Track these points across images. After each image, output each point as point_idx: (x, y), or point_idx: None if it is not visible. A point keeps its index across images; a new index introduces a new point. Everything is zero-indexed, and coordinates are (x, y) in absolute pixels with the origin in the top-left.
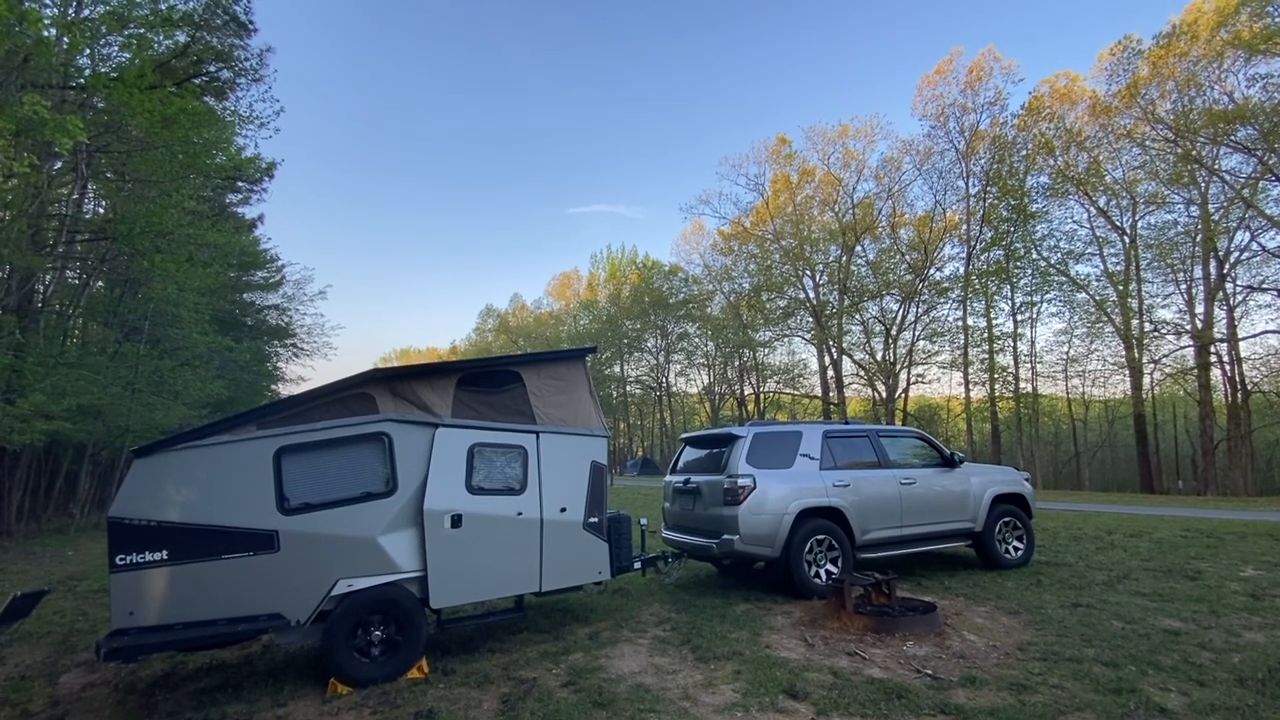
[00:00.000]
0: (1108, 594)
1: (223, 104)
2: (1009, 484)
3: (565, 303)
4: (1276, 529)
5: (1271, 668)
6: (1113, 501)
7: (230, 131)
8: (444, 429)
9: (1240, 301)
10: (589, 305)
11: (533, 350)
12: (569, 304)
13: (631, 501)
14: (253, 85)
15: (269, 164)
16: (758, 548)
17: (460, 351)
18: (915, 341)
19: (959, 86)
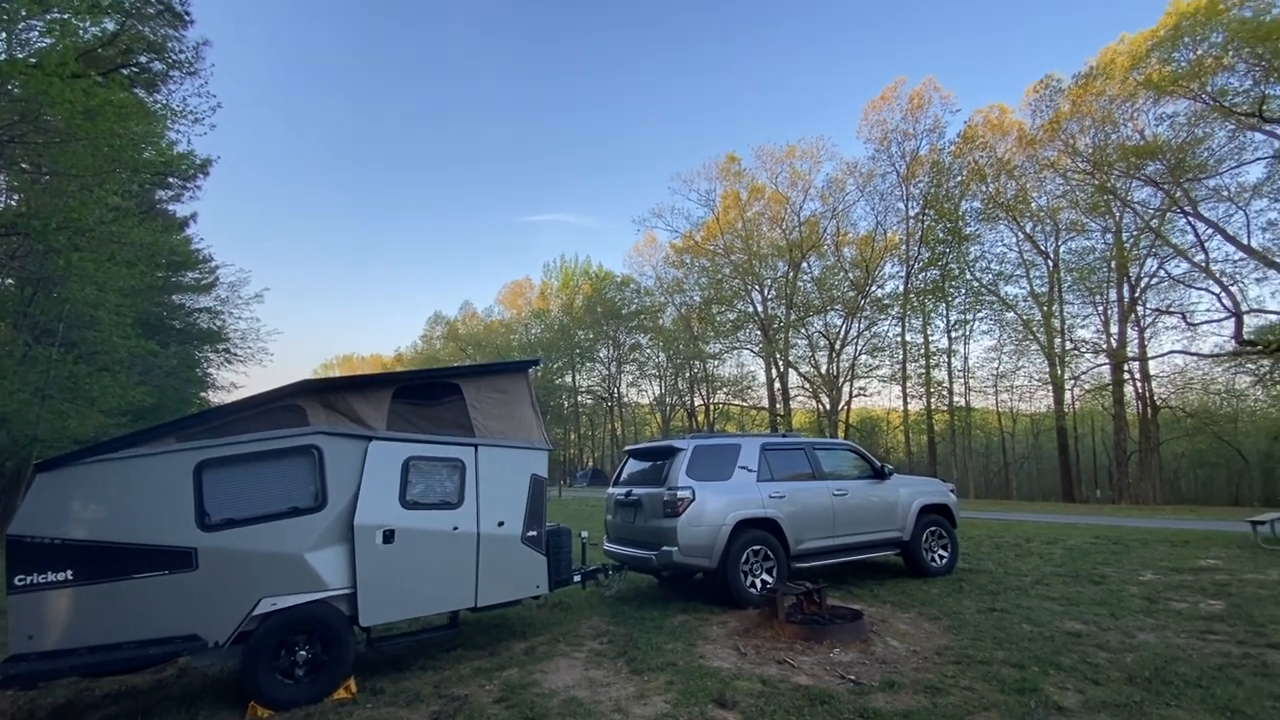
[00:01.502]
0: (1021, 599)
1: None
2: (935, 495)
3: (517, 311)
4: (1175, 535)
5: (1158, 666)
6: (1036, 510)
7: (161, 126)
8: (377, 442)
9: (1150, 323)
10: (541, 314)
11: (482, 359)
12: (520, 313)
13: (579, 514)
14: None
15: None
16: (696, 559)
17: (406, 359)
18: (857, 356)
19: (901, 113)
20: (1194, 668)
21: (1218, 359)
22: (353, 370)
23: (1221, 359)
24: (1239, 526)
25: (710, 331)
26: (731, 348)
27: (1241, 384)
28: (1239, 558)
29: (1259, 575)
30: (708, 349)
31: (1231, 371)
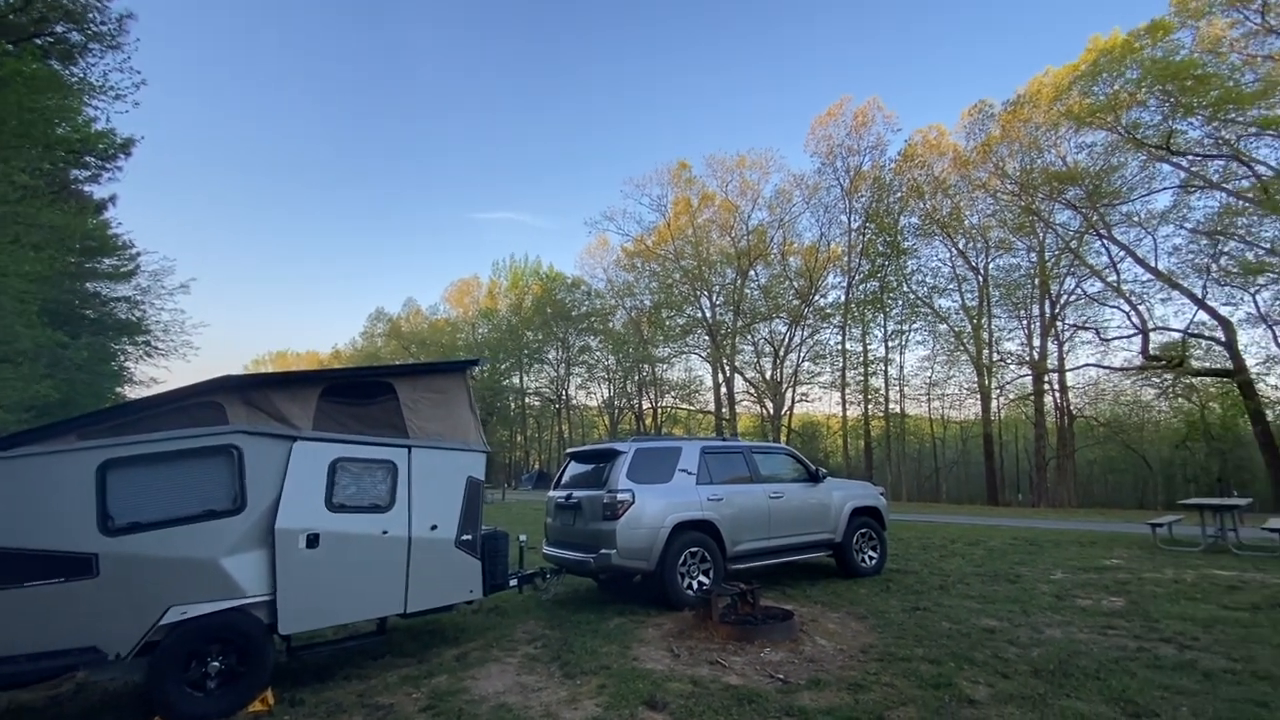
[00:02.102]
0: (943, 598)
1: (70, 70)
2: (866, 498)
3: (463, 310)
4: (1085, 537)
5: (1062, 660)
6: (962, 513)
7: (78, 101)
8: (303, 442)
9: (1068, 338)
10: (489, 314)
11: (426, 358)
12: (467, 312)
13: (521, 517)
14: (109, 52)
15: (125, 140)
16: (634, 561)
17: (345, 357)
18: (800, 363)
19: (846, 129)
20: (1094, 661)
21: (1127, 372)
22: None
23: (1130, 372)
24: (1141, 528)
25: (660, 335)
26: (680, 352)
27: (1147, 396)
28: (1139, 557)
29: (1156, 574)
30: (657, 353)
31: (1138, 384)
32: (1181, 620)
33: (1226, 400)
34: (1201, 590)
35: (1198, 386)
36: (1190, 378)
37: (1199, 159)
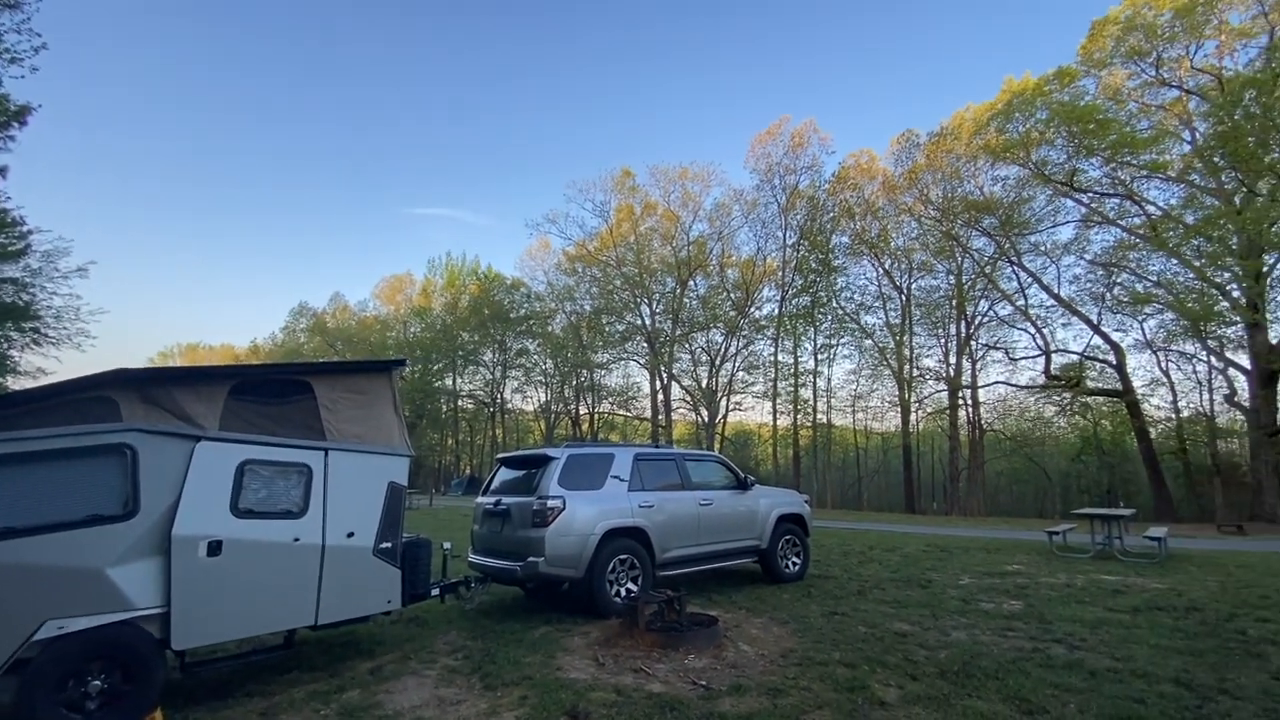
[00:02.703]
0: (859, 602)
1: None
2: (792, 505)
3: (395, 307)
4: (991, 544)
5: (965, 661)
6: (882, 520)
7: None
8: (207, 443)
9: (981, 356)
10: (422, 312)
11: (353, 356)
12: (399, 309)
13: (449, 523)
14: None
15: (20, 108)
16: (563, 569)
17: (263, 352)
18: (735, 372)
19: (784, 149)
20: (994, 661)
21: (1031, 390)
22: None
23: (1034, 390)
24: (1040, 536)
25: (599, 341)
26: (619, 358)
27: (1048, 413)
28: (1038, 563)
29: (1051, 579)
30: (596, 358)
31: (1041, 402)
32: (1072, 622)
33: (1116, 418)
34: (1090, 594)
35: (1092, 405)
36: (1085, 397)
37: (1098, 196)
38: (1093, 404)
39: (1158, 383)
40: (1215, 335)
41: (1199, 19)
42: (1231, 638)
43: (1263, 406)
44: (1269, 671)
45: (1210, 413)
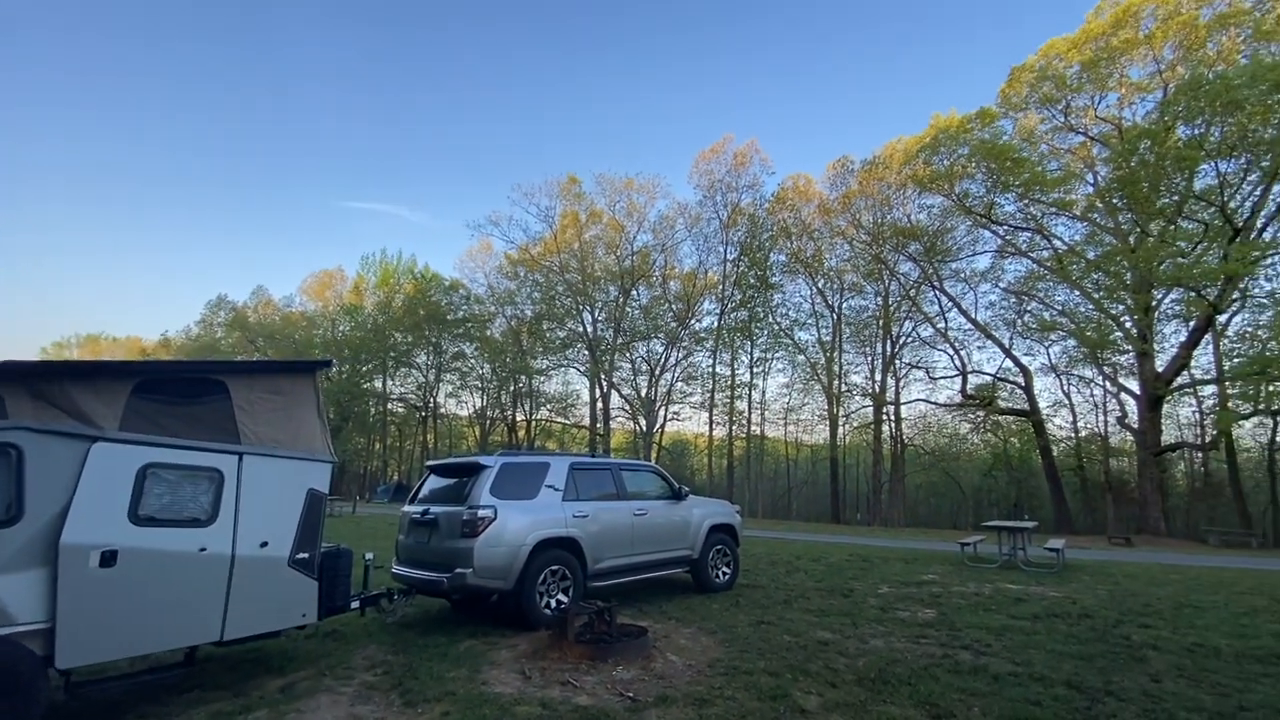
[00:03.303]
0: (785, 611)
1: None
2: (723, 515)
3: (324, 304)
4: (909, 554)
5: (881, 668)
6: (809, 530)
7: None
8: (104, 444)
9: (904, 375)
10: (352, 310)
11: (276, 354)
12: (328, 306)
13: (372, 532)
14: None
15: None
16: (491, 581)
17: (175, 346)
18: (674, 382)
19: (727, 167)
20: (907, 668)
21: (949, 408)
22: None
23: (951, 408)
24: (954, 547)
25: (539, 347)
26: (559, 365)
27: (963, 429)
28: (950, 573)
29: (962, 588)
30: (535, 364)
31: (957, 419)
32: (979, 629)
33: (1023, 437)
34: (996, 602)
35: (1002, 424)
36: (997, 416)
37: (1012, 229)
38: (1003, 422)
39: (1060, 404)
40: (1110, 362)
41: (1103, 73)
42: (1118, 643)
43: (1149, 428)
44: (1149, 674)
45: (1104, 433)
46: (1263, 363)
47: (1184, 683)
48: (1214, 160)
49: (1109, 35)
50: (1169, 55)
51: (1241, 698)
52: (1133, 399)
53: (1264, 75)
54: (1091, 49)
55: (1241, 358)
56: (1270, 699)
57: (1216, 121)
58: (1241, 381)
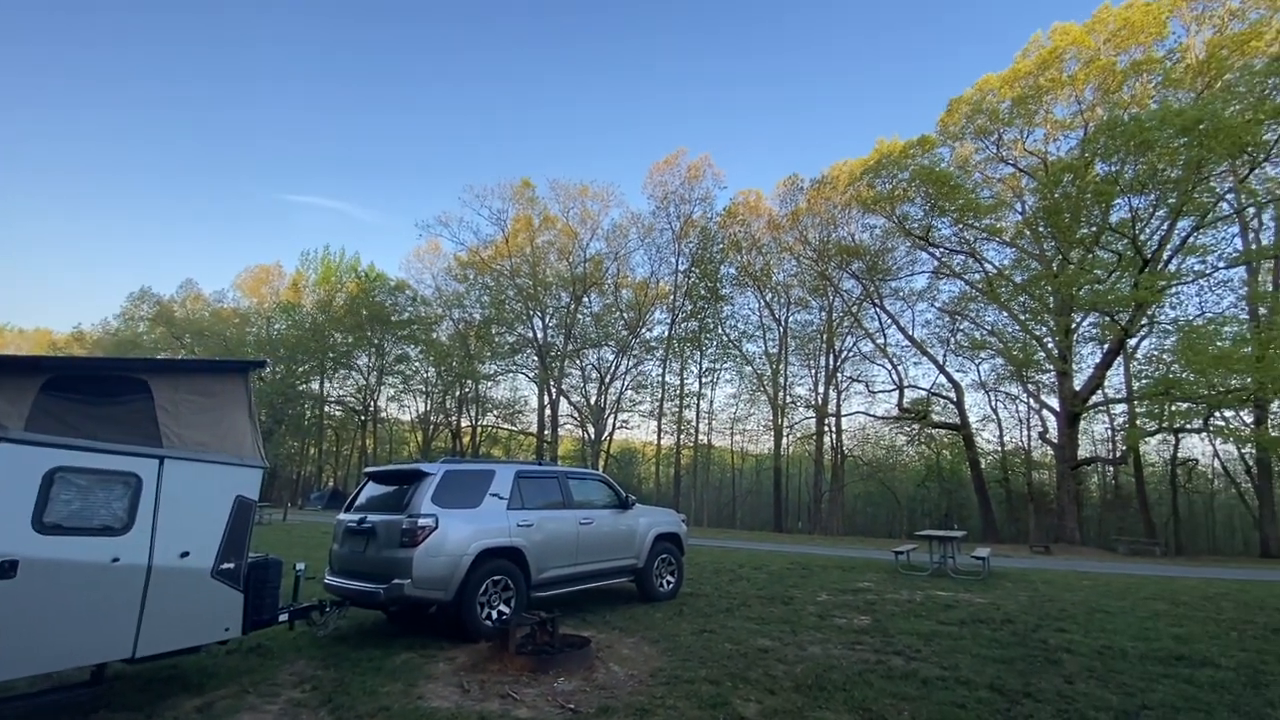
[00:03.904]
0: (728, 620)
1: None
2: (669, 524)
3: (259, 301)
4: (847, 562)
5: (818, 675)
6: (753, 539)
7: None
8: (7, 445)
9: (845, 388)
10: (290, 308)
11: (204, 353)
12: (264, 303)
13: (304, 540)
14: None
15: None
16: (431, 592)
17: (91, 341)
18: (624, 390)
19: (681, 179)
20: (843, 674)
21: (886, 421)
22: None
23: (888, 421)
24: (889, 555)
25: (487, 351)
26: (507, 370)
27: (899, 442)
28: (885, 580)
29: (895, 595)
30: (483, 369)
31: (894, 432)
32: (910, 635)
33: (954, 449)
34: (926, 609)
35: (935, 437)
36: (930, 429)
37: (948, 252)
38: (936, 436)
39: (988, 419)
40: (1034, 380)
41: (1031, 109)
42: (1036, 646)
43: (1067, 443)
44: (1063, 676)
45: (1028, 447)
46: (1166, 384)
47: (1094, 683)
48: (1127, 195)
49: (1036, 75)
50: (1090, 96)
51: (1144, 697)
52: (1053, 415)
53: (1172, 120)
54: (1021, 86)
55: (1148, 379)
56: (1168, 698)
57: (1130, 160)
58: (1148, 401)
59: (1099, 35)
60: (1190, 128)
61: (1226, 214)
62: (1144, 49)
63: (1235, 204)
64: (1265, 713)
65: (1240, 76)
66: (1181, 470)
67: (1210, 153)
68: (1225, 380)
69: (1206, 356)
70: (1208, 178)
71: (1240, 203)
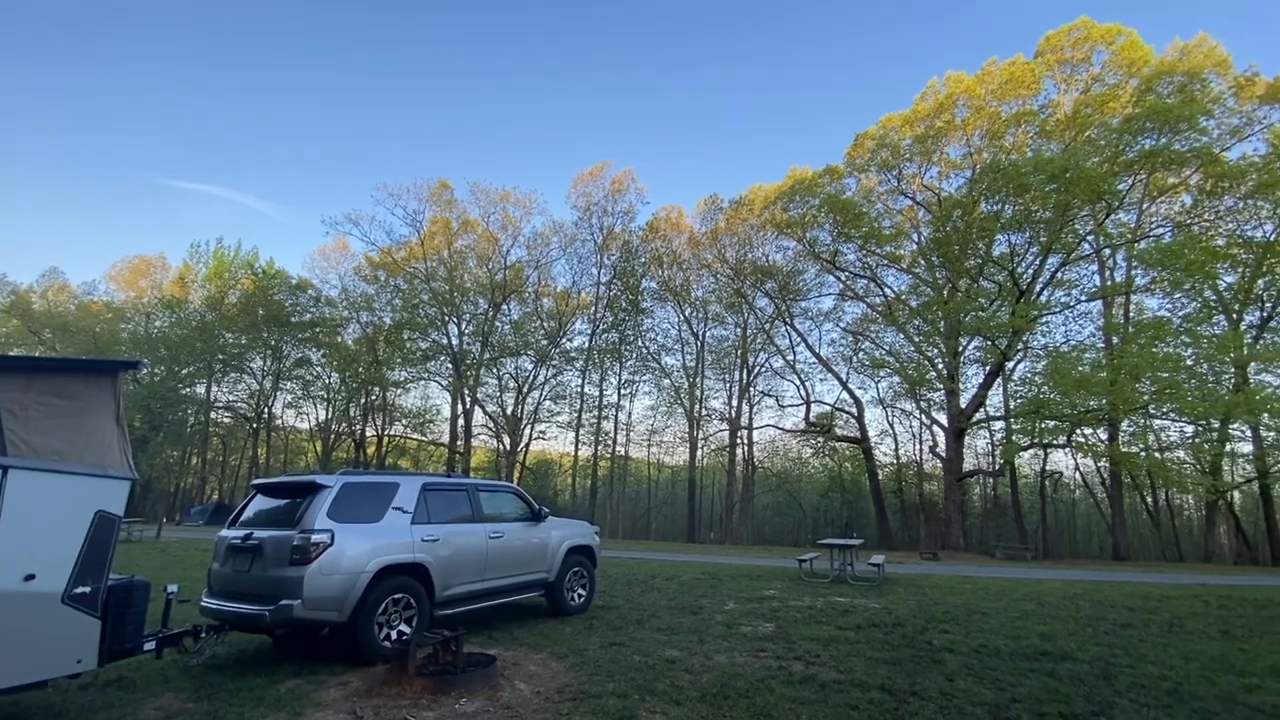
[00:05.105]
0: (637, 631)
1: None
2: (582, 537)
3: (137, 295)
4: (754, 571)
5: (723, 683)
6: (666, 550)
7: None
8: None
9: (757, 402)
10: (174, 304)
11: (68, 351)
12: (143, 297)
13: (181, 560)
14: None
15: None
16: (322, 613)
17: None
18: (542, 401)
19: (604, 192)
20: (746, 682)
21: (794, 434)
22: None
23: (796, 434)
24: (793, 563)
25: (397, 357)
26: (419, 378)
27: (806, 454)
28: (789, 588)
29: (798, 602)
30: (392, 375)
31: (801, 444)
32: (810, 641)
33: (855, 462)
34: (826, 614)
35: (838, 449)
36: (834, 442)
37: (852, 276)
38: (839, 448)
39: (886, 433)
40: (926, 398)
41: (929, 148)
42: (922, 648)
43: (954, 457)
44: (945, 675)
45: (920, 460)
46: (1037, 404)
47: (972, 680)
48: (1007, 232)
49: (933, 117)
50: (978, 141)
51: (1014, 690)
52: (942, 431)
53: (1044, 167)
54: (921, 126)
55: (1022, 399)
56: (1035, 691)
57: (1009, 200)
58: (1022, 419)
59: (988, 85)
60: (1058, 175)
61: (1087, 253)
62: (1023, 102)
63: (1095, 244)
64: (1114, 700)
65: (1100, 132)
66: (1049, 482)
67: (1074, 198)
68: (1085, 401)
69: (1070, 380)
70: (1072, 220)
71: (1099, 243)
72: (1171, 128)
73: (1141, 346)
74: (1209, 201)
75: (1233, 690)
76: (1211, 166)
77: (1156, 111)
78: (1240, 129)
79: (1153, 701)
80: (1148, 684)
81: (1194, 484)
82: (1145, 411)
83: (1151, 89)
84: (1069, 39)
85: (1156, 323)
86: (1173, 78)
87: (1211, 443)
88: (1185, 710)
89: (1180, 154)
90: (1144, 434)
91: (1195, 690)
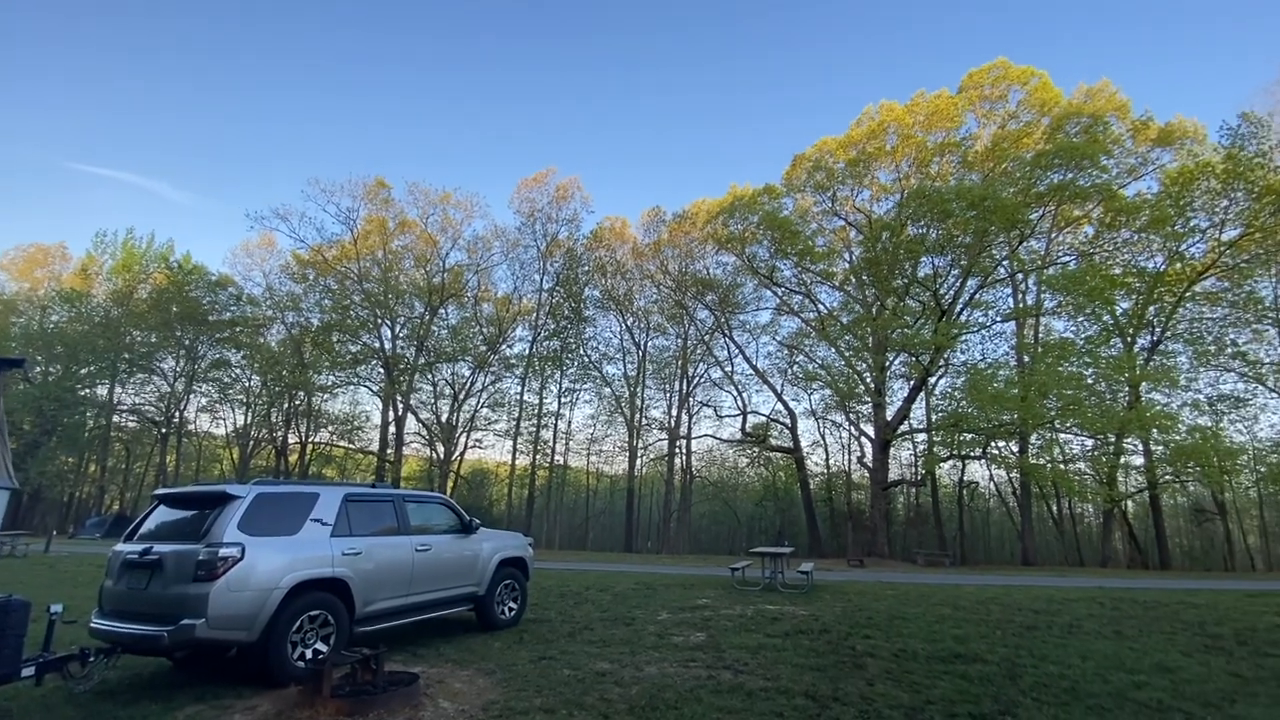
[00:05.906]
0: (569, 645)
1: None
2: (514, 549)
3: (32, 286)
4: (689, 580)
5: (652, 695)
6: (602, 560)
7: None
8: None
9: (696, 412)
10: (75, 298)
11: None
12: (38, 289)
13: (72, 577)
14: None
15: None
16: (230, 632)
17: None
18: (480, 408)
19: (549, 198)
20: (675, 693)
21: (730, 443)
22: None
23: (733, 444)
24: (727, 572)
25: (325, 361)
26: (348, 382)
27: (742, 463)
28: (722, 597)
29: (729, 610)
30: (319, 380)
31: (737, 454)
32: (740, 649)
33: (788, 471)
34: (756, 623)
35: (773, 459)
36: (769, 452)
37: (788, 291)
38: (773, 458)
39: (817, 444)
40: (854, 410)
41: (861, 172)
42: (846, 653)
43: (880, 467)
44: (866, 679)
45: (848, 470)
46: (956, 417)
47: (890, 684)
48: (931, 255)
49: (866, 143)
50: (906, 167)
51: (928, 693)
52: (869, 442)
53: (965, 195)
54: (854, 151)
55: (943, 412)
56: (948, 693)
57: (933, 225)
58: (942, 431)
59: (916, 115)
60: (978, 203)
61: (1002, 277)
62: (947, 133)
63: (1009, 269)
64: (1018, 699)
65: (1016, 165)
66: (967, 491)
67: (992, 225)
68: (999, 415)
69: (986, 395)
70: (990, 246)
71: (1013, 268)
72: (1077, 164)
73: (1049, 365)
74: (1108, 233)
75: (1123, 687)
76: (1111, 201)
77: (1064, 149)
78: (1136, 168)
79: (1053, 700)
80: (1049, 683)
81: (1093, 493)
82: (1051, 426)
83: (1060, 128)
84: (989, 77)
85: (1062, 344)
86: (1079, 119)
87: (1108, 455)
88: (1081, 707)
89: (1084, 189)
90: (1050, 447)
91: (1090, 688)
